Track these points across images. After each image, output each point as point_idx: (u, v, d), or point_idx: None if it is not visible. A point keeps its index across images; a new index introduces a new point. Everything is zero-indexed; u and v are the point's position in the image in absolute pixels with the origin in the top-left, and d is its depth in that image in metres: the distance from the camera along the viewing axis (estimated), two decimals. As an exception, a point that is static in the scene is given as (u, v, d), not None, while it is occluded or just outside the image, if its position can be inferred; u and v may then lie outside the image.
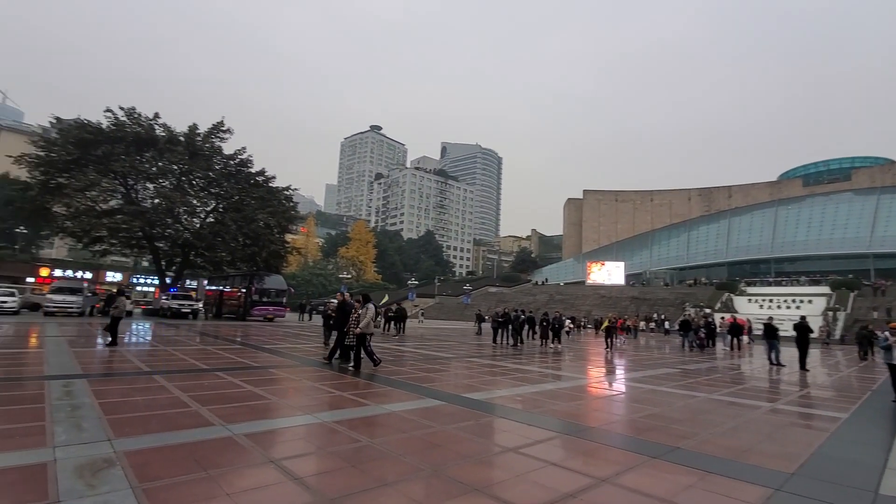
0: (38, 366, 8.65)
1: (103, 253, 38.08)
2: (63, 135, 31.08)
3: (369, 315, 10.05)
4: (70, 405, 5.68)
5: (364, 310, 10.07)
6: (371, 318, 10.12)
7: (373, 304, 10.49)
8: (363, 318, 9.99)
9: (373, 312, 10.19)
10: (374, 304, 10.66)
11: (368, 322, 10.02)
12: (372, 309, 10.22)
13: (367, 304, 10.22)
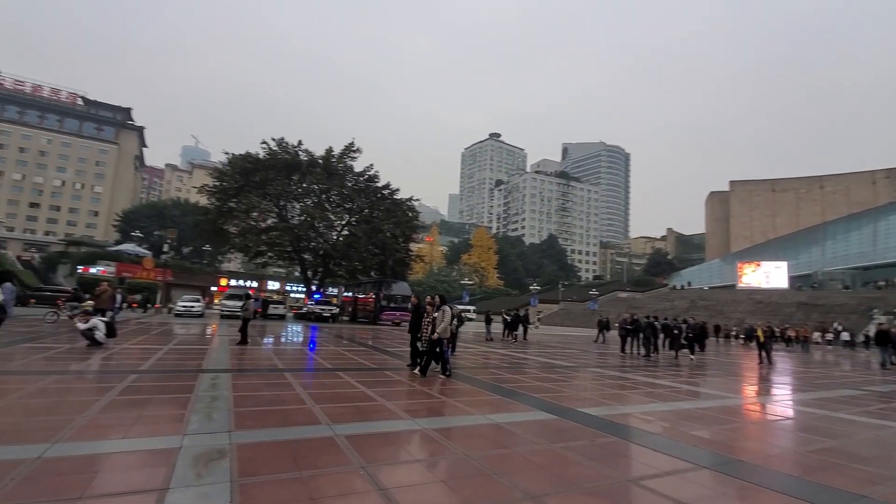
0: (199, 360, 10.11)
1: (264, 265, 44.43)
2: (231, 166, 36.97)
3: (446, 319, 9.41)
4: (210, 396, 6.39)
5: (440, 313, 9.48)
6: (448, 322, 9.47)
7: (449, 307, 9.84)
8: (439, 321, 9.46)
9: (450, 316, 9.60)
10: (450, 307, 10.00)
11: (446, 327, 9.39)
12: (448, 312, 9.61)
13: (443, 307, 9.61)
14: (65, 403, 5.61)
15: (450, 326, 9.63)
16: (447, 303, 9.86)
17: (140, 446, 4.13)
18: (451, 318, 9.77)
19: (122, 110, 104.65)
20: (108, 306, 16.67)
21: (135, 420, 4.99)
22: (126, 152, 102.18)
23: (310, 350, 14.21)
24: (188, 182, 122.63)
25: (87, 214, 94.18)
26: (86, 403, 5.58)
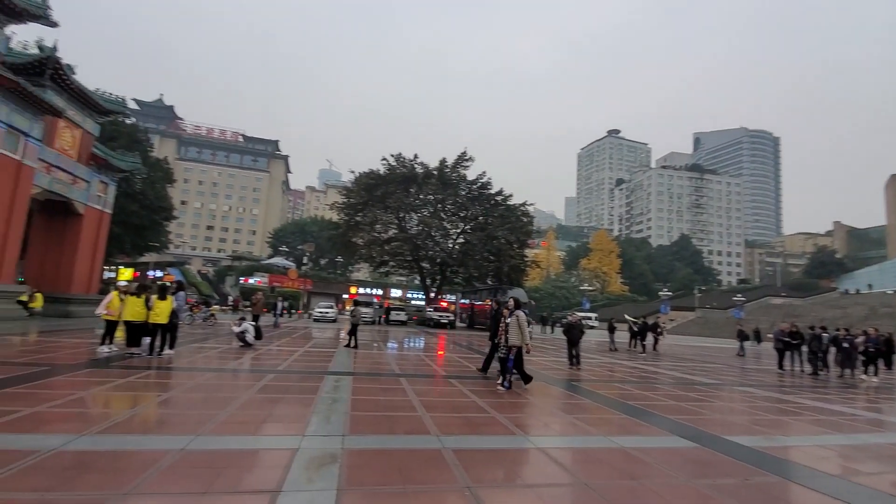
0: (326, 363, 10.88)
1: (387, 273, 47.33)
2: (356, 183, 40.18)
3: (523, 325, 8.64)
4: (332, 399, 6.72)
5: (513, 318, 8.72)
6: (521, 327, 8.65)
7: (523, 312, 8.91)
8: (511, 327, 8.66)
9: (524, 321, 8.71)
10: (524, 312, 9.03)
11: (516, 333, 8.61)
12: (522, 317, 8.71)
13: (516, 312, 8.75)
14: (213, 399, 6.34)
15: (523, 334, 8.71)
16: (521, 307, 9.08)
17: (265, 444, 4.41)
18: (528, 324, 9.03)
19: (271, 143, 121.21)
20: (260, 312, 18.97)
21: (265, 418, 5.40)
22: (275, 178, 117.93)
23: (426, 356, 14.51)
24: (324, 201, 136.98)
25: (248, 233, 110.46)
26: (229, 400, 6.24)
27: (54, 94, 19.43)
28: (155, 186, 38.98)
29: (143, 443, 4.19)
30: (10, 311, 17.54)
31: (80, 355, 9.61)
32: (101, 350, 9.99)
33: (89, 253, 23.41)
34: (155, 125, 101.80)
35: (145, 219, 37.63)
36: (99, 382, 6.98)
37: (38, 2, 17.33)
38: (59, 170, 20.55)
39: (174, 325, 10.50)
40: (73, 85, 20.44)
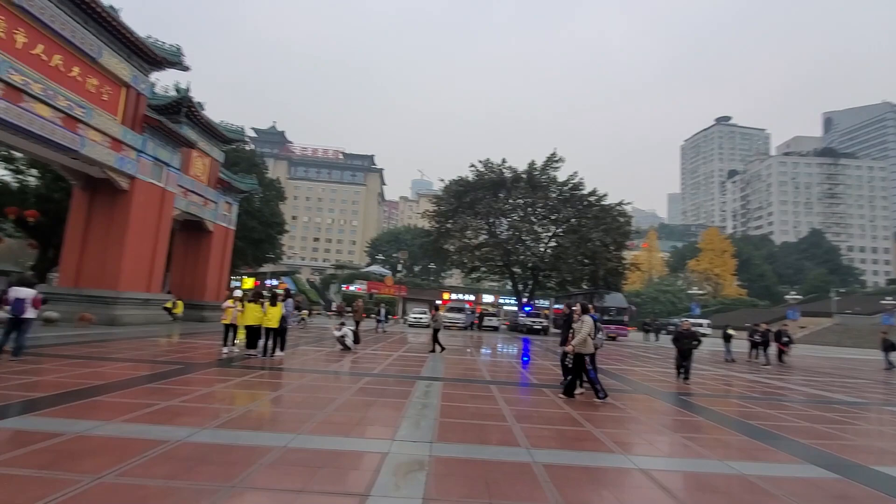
0: (419, 367, 11.11)
1: (479, 279, 47.62)
2: (446, 191, 41.01)
3: (585, 329, 7.98)
4: (422, 404, 6.81)
5: (580, 322, 8.11)
6: (588, 333, 7.98)
7: (590, 317, 8.23)
8: (577, 332, 8.02)
9: (590, 326, 8.02)
10: (593, 317, 8.35)
11: (585, 338, 7.95)
12: (589, 322, 8.06)
13: (583, 317, 8.16)
14: (314, 399, 6.76)
15: (592, 340, 8.13)
16: (589, 311, 8.48)
17: (357, 446, 4.56)
18: (595, 330, 8.25)
19: (367, 157, 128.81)
20: (361, 318, 19.99)
21: (359, 420, 5.62)
22: (372, 191, 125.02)
23: (518, 363, 14.21)
24: (416, 210, 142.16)
25: (348, 243, 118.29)
26: (327, 401, 6.60)
27: (188, 128, 22.50)
28: (270, 204, 43.27)
29: (252, 438, 4.56)
30: (158, 316, 20.58)
31: (208, 355, 10.89)
32: (223, 351, 11.24)
33: (218, 265, 26.64)
34: (269, 149, 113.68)
35: (262, 233, 41.87)
36: (221, 380, 7.82)
37: (174, 51, 20.24)
38: (193, 193, 23.70)
39: (283, 329, 11.47)
40: (203, 119, 23.49)
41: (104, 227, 18.74)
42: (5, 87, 13.12)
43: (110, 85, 17.56)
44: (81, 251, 18.82)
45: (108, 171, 17.60)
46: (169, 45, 19.92)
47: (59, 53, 15.22)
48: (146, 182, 19.32)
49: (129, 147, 18.22)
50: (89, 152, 16.26)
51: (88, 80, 16.52)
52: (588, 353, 8.01)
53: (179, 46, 20.43)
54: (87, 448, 3.97)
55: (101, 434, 4.36)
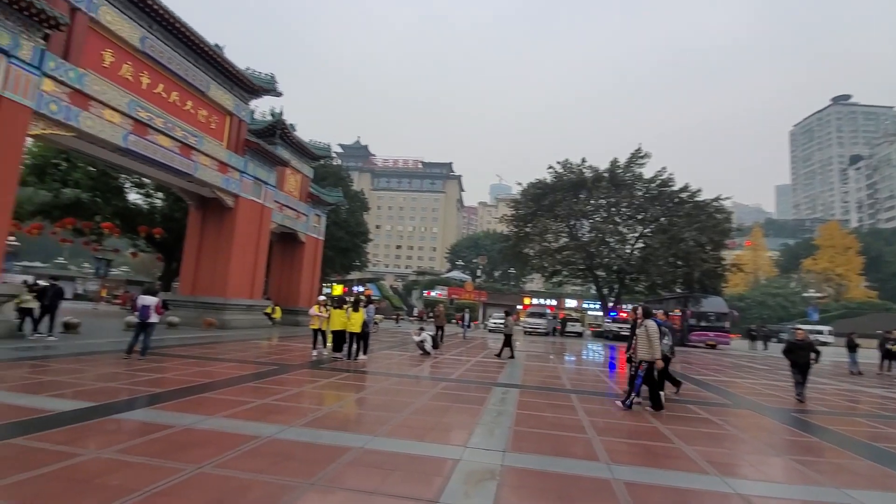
0: (496, 374, 11.01)
1: (560, 283, 46.22)
2: (524, 195, 40.42)
3: (653, 336, 7.25)
4: (497, 411, 6.73)
5: (642, 328, 7.41)
6: (652, 340, 7.24)
7: (654, 321, 7.51)
8: (640, 339, 7.37)
9: (654, 332, 7.28)
10: (656, 321, 7.61)
11: (657, 345, 7.26)
12: (653, 327, 7.33)
13: (644, 322, 7.44)
14: (392, 402, 6.97)
15: (661, 347, 7.43)
16: (652, 316, 7.71)
17: (430, 452, 4.60)
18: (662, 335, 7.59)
19: (445, 165, 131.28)
20: (443, 324, 20.26)
21: (434, 425, 5.68)
22: (450, 198, 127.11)
23: (603, 372, 13.52)
24: (495, 214, 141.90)
25: (429, 250, 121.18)
26: (405, 404, 6.77)
27: (282, 148, 24.57)
28: (355, 215, 45.78)
29: (333, 438, 4.80)
30: (260, 321, 22.61)
31: (300, 357, 11.71)
32: (312, 354, 12.03)
33: (310, 273, 28.67)
34: (354, 163, 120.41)
35: (349, 242, 44.36)
36: (309, 381, 8.36)
37: (268, 79, 22.27)
38: (287, 208, 25.78)
39: (366, 333, 11.99)
40: (295, 140, 25.52)
41: (214, 241, 21.03)
42: (134, 123, 15.28)
43: (217, 114, 19.73)
44: (197, 263, 21.28)
45: (216, 192, 19.74)
46: (264, 74, 21.92)
47: (176, 90, 17.41)
48: (248, 199, 21.36)
49: (234, 169, 20.29)
50: (201, 175, 18.37)
51: (199, 112, 18.69)
52: (649, 360, 7.39)
53: (273, 75, 22.39)
54: (192, 440, 4.44)
55: (205, 428, 4.86)
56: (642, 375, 7.47)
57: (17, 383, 6.49)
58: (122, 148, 14.96)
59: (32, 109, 12.21)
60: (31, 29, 11.92)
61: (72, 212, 25.57)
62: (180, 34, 16.83)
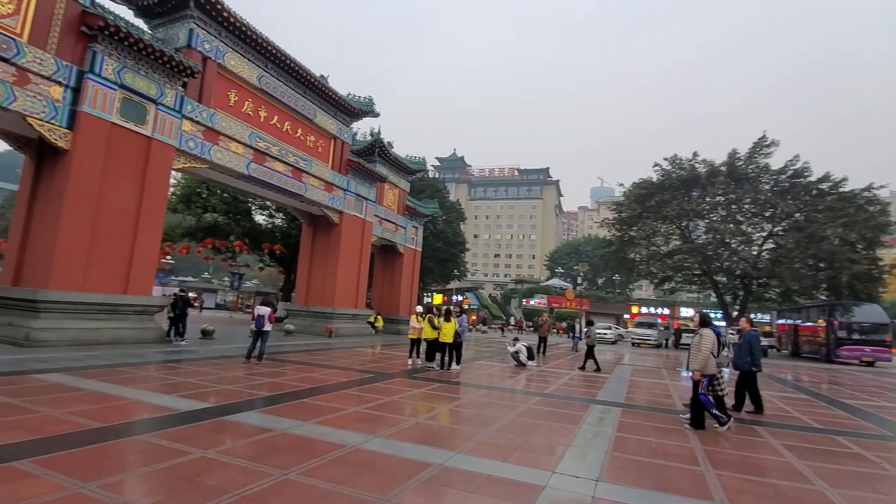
0: (596, 389, 10.25)
1: (672, 290, 42.38)
2: (627, 196, 37.88)
3: (704, 346, 6.61)
4: (593, 432, 6.20)
5: (696, 337, 6.83)
6: (708, 350, 6.58)
7: (712, 330, 6.79)
8: (693, 350, 6.80)
9: (710, 343, 6.61)
10: (715, 330, 6.87)
11: (705, 357, 6.61)
12: (709, 336, 6.66)
13: (700, 332, 6.83)
14: (479, 417, 6.79)
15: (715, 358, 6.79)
16: (709, 324, 6.97)
17: (512, 474, 4.33)
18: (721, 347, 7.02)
19: (542, 171, 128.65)
20: (546, 334, 19.63)
21: (520, 444, 5.38)
22: (548, 203, 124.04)
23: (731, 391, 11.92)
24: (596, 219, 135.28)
25: (528, 258, 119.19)
26: (492, 419, 6.55)
27: (380, 165, 25.95)
28: (452, 225, 46.70)
29: (414, 452, 4.76)
30: (364, 329, 23.94)
31: (396, 366, 12.06)
32: (408, 363, 12.32)
33: (409, 283, 29.74)
34: (451, 175, 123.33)
35: (447, 252, 45.31)
36: (400, 391, 8.52)
37: (367, 102, 23.74)
38: (386, 221, 27.10)
39: (458, 343, 11.99)
40: (392, 156, 26.82)
41: (323, 255, 22.80)
42: (254, 152, 17.20)
43: (322, 139, 21.47)
44: (309, 275, 23.23)
45: (323, 209, 21.42)
46: (363, 97, 23.41)
47: (288, 120, 19.29)
48: (351, 215, 22.85)
49: (338, 187, 21.87)
50: (310, 195, 20.07)
51: (308, 138, 20.49)
52: (707, 373, 6.75)
53: (371, 97, 23.81)
54: (285, 445, 4.70)
55: (299, 433, 5.13)
56: (703, 390, 6.74)
57: (156, 383, 7.52)
58: (245, 175, 16.91)
59: (175, 147, 14.34)
60: (172, 79, 14.05)
61: (211, 233, 29.56)
62: (291, 70, 18.65)
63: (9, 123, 11.73)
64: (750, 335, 8.42)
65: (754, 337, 8.44)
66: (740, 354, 8.37)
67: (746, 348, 8.31)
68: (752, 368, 8.32)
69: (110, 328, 12.40)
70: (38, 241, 12.10)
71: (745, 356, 8.30)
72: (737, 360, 8.38)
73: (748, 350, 8.29)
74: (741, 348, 8.40)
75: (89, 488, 3.22)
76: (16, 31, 10.68)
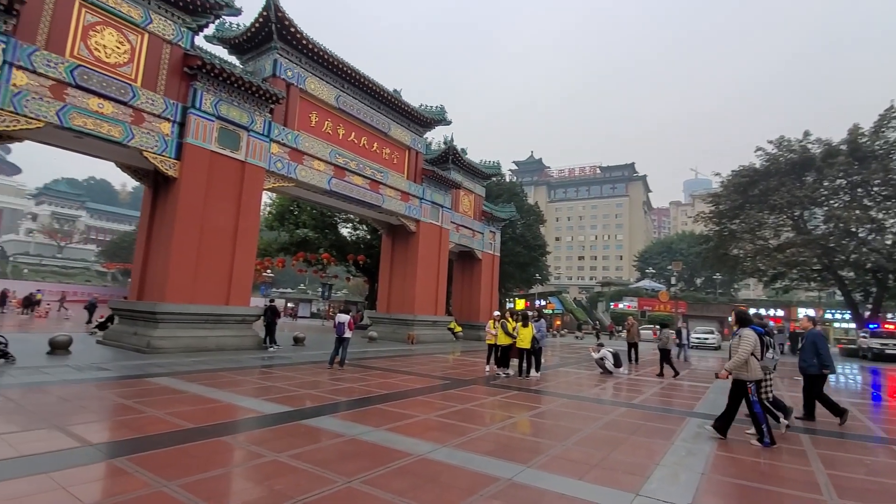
0: (694, 400, 9.24)
1: (785, 289, 37.58)
2: (725, 186, 34.39)
3: (742, 348, 5.88)
4: (688, 449, 5.51)
5: (736, 338, 6.11)
6: (747, 353, 5.85)
7: (753, 330, 6.04)
8: (734, 351, 6.05)
9: (749, 344, 5.86)
10: (757, 329, 6.11)
11: (742, 361, 5.87)
12: (749, 337, 5.92)
13: (740, 332, 6.09)
14: (555, 428, 6.38)
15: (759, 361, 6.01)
16: (748, 323, 6.18)
17: (589, 495, 3.93)
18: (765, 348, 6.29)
19: (627, 167, 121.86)
20: (635, 339, 18.31)
21: (599, 461, 4.92)
22: (635, 201, 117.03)
23: (858, 404, 10.17)
24: (691, 214, 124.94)
25: (615, 259, 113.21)
26: (570, 431, 6.11)
27: (455, 172, 26.16)
28: (531, 229, 45.72)
29: (482, 464, 4.54)
30: (444, 336, 24.12)
31: (473, 373, 11.90)
32: (486, 370, 12.09)
33: (488, 288, 29.51)
34: (529, 177, 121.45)
35: (527, 257, 44.38)
36: (475, 398, 8.32)
37: (439, 111, 24.11)
38: (463, 227, 27.19)
39: (537, 349, 11.53)
40: (466, 162, 26.93)
41: (402, 263, 23.42)
42: (334, 168, 18.16)
43: (397, 150, 22.13)
44: (389, 283, 23.97)
45: (401, 218, 22.02)
46: (434, 107, 23.80)
47: (364, 136, 20.14)
48: (427, 223, 23.23)
49: (414, 196, 22.37)
50: (388, 206, 20.73)
51: (384, 151, 21.23)
52: (751, 379, 5.94)
53: (442, 106, 24.14)
54: (353, 451, 4.73)
55: (368, 440, 5.15)
56: (755, 399, 5.94)
57: (247, 387, 8.07)
58: (327, 190, 17.89)
59: (265, 169, 15.58)
60: (261, 107, 15.31)
61: (302, 247, 31.80)
62: (366, 87, 19.49)
63: (129, 158, 13.52)
64: (814, 334, 7.55)
65: (819, 336, 7.52)
66: (805, 357, 7.52)
67: (811, 349, 7.45)
68: (822, 371, 7.41)
69: (215, 336, 13.70)
70: (156, 260, 13.76)
71: (810, 358, 7.45)
72: (802, 364, 7.61)
73: (814, 351, 7.43)
74: (805, 350, 7.53)
75: (170, 487, 3.45)
76: (130, 77, 12.32)
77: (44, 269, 70.78)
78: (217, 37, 17.09)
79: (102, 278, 73.47)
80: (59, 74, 10.92)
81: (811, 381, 7.59)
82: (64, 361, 9.73)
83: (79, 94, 11.26)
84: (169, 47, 13.23)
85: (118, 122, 11.91)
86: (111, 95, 11.79)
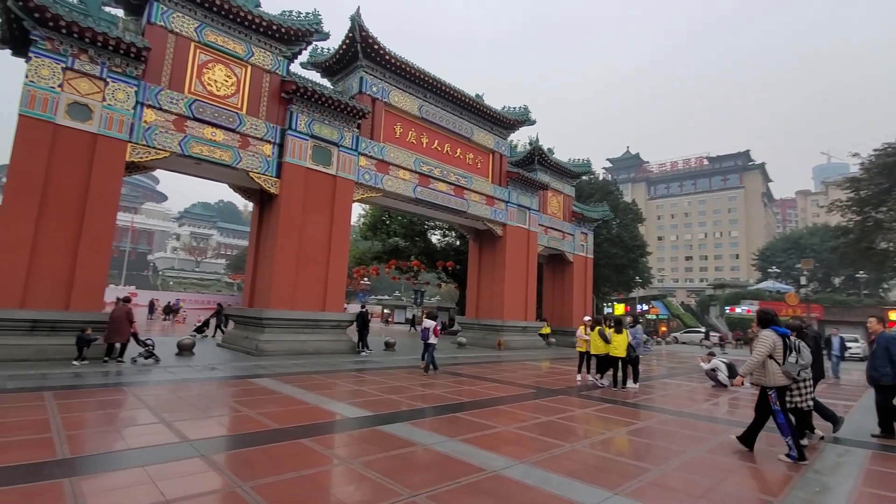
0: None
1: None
2: (867, 169, 29.20)
3: (757, 350, 5.20)
4: (821, 483, 4.52)
5: (756, 340, 5.36)
6: (762, 355, 5.16)
7: (773, 331, 5.23)
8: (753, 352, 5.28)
9: (766, 346, 5.14)
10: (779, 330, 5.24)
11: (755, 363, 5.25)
12: (766, 338, 5.18)
13: (761, 331, 5.36)
14: (653, 449, 5.66)
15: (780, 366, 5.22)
16: (770, 324, 5.44)
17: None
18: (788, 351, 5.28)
19: (740, 155, 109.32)
20: None
21: (705, 492, 4.22)
22: (752, 192, 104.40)
23: None
24: (823, 203, 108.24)
25: (729, 258, 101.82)
26: (670, 453, 5.38)
27: (541, 172, 25.36)
28: (628, 228, 42.81)
29: (561, 486, 4.11)
30: (535, 342, 23.34)
31: (562, 382, 11.24)
32: (577, 378, 11.35)
33: (581, 292, 28.07)
34: (626, 175, 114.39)
35: (624, 258, 41.59)
36: (562, 410, 7.77)
37: (523, 112, 23.60)
38: (552, 229, 26.22)
39: (633, 358, 10.56)
40: (552, 162, 25.99)
41: (489, 268, 23.18)
42: (419, 176, 18.54)
43: (481, 155, 22.02)
44: (478, 288, 23.85)
45: (487, 223, 21.83)
46: (517, 108, 23.37)
47: (447, 142, 20.34)
48: (514, 226, 22.77)
49: (499, 200, 22.07)
50: (473, 210, 20.67)
51: (467, 156, 21.26)
52: (772, 385, 5.29)
53: (526, 106, 23.63)
54: (424, 462, 4.58)
55: (441, 450, 4.97)
56: (777, 408, 5.29)
57: (335, 390, 8.38)
58: (413, 198, 18.31)
59: (354, 181, 16.38)
60: (349, 123, 16.14)
61: (394, 255, 33.02)
62: (448, 95, 19.72)
63: (238, 179, 15.02)
64: (886, 338, 6.41)
65: (892, 340, 6.33)
66: (876, 365, 6.57)
67: (884, 355, 6.49)
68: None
69: (313, 340, 14.60)
70: (262, 269, 15.09)
71: (883, 366, 6.48)
72: (873, 373, 6.66)
73: (887, 358, 6.31)
74: (876, 357, 6.59)
75: (243, 488, 3.57)
76: (237, 106, 13.70)
77: (185, 281, 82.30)
78: (311, 62, 18.43)
79: (230, 288, 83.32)
80: (180, 109, 12.49)
81: (885, 392, 6.50)
82: (187, 362, 10.98)
83: (196, 125, 12.77)
84: (268, 76, 14.51)
85: (228, 148, 13.30)
86: (222, 124, 13.21)
